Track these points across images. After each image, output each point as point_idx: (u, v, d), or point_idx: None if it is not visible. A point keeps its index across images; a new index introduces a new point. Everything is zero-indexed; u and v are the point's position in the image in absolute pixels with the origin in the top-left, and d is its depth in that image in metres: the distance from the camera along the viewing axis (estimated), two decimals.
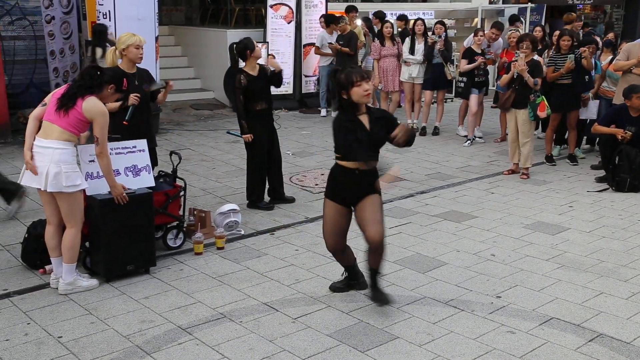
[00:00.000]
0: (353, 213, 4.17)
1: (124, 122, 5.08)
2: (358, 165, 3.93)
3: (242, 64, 6.13)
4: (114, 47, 5.37)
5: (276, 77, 6.04)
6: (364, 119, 3.97)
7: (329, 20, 10.39)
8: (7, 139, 8.38)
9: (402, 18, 10.81)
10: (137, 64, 5.24)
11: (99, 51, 8.19)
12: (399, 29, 10.68)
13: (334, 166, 4.13)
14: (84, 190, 4.52)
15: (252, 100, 5.99)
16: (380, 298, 4.16)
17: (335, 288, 4.48)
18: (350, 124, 3.92)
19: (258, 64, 6.06)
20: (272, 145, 6.20)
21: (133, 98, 5.09)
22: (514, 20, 10.50)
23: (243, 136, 6.05)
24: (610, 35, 8.97)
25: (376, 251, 4.06)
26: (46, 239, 4.45)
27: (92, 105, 4.24)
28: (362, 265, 4.40)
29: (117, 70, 4.64)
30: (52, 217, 4.40)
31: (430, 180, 7.35)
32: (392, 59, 9.60)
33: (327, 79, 10.46)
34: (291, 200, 6.38)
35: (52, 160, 4.16)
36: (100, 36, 8.22)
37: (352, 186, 4.05)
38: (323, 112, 10.97)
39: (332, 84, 4.11)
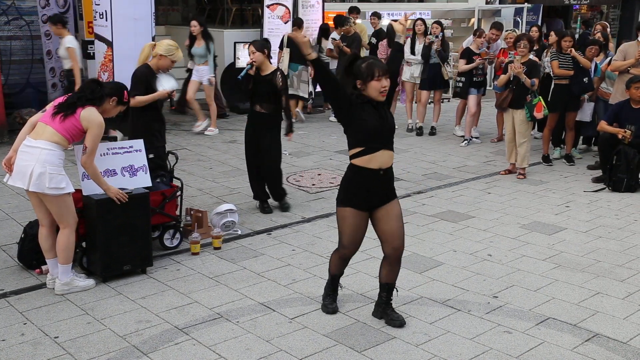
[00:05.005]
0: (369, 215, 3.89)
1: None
2: (379, 165, 3.73)
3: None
4: (152, 42, 5.45)
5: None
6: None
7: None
8: (3, 139, 8.37)
9: (376, 15, 10.71)
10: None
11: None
12: (373, 28, 10.67)
13: (350, 169, 3.81)
14: (79, 191, 4.52)
15: (252, 99, 5.97)
16: (399, 318, 3.99)
17: (333, 310, 4.14)
18: (362, 106, 3.71)
19: (278, 69, 5.97)
20: (258, 148, 6.04)
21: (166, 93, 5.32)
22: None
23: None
24: (598, 35, 8.96)
25: (397, 263, 3.93)
26: (40, 241, 4.43)
27: (90, 114, 4.24)
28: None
29: (118, 84, 4.65)
30: (44, 219, 4.38)
31: (427, 181, 7.35)
32: None
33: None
34: (269, 211, 6.12)
35: (38, 160, 4.13)
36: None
37: (374, 190, 3.77)
38: (333, 117, 10.81)
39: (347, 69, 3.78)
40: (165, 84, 5.31)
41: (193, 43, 9.32)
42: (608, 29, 9.31)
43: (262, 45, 5.94)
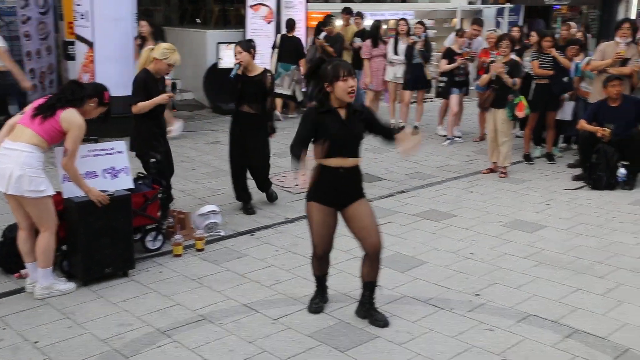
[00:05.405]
0: (340, 214, 3.96)
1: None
2: (341, 163, 3.80)
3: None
4: (151, 47, 5.44)
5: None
6: (342, 112, 3.83)
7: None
8: None
9: (359, 15, 10.93)
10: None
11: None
12: (357, 28, 10.76)
13: (315, 166, 3.90)
14: (59, 193, 4.48)
15: (239, 100, 5.95)
16: (383, 318, 4.00)
17: (317, 309, 4.18)
18: (325, 115, 3.78)
19: (267, 70, 6.02)
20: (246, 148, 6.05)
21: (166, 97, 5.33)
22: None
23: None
24: (579, 35, 9.04)
25: (377, 260, 3.93)
26: (19, 244, 4.38)
27: (70, 116, 4.20)
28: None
29: (98, 85, 4.62)
30: (23, 222, 4.33)
31: (409, 180, 7.38)
32: (381, 59, 9.67)
33: None
34: (251, 212, 6.10)
35: (17, 163, 4.08)
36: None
37: (338, 187, 3.85)
38: None
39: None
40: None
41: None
42: (573, 30, 9.39)
43: (248, 46, 5.94)
